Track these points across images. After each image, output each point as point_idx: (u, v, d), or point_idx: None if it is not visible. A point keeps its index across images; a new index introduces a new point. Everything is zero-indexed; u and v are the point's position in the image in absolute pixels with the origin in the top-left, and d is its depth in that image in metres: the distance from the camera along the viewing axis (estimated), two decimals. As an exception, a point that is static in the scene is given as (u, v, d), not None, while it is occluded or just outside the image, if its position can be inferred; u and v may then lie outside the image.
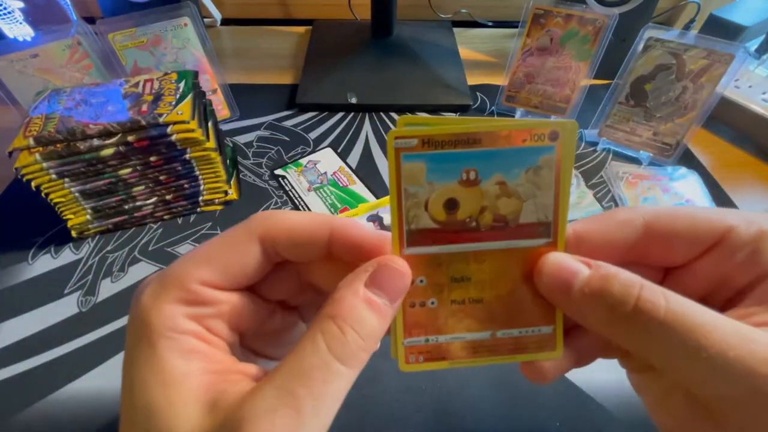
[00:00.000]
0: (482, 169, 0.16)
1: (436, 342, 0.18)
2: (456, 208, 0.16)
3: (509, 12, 0.79)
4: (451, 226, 0.17)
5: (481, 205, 0.17)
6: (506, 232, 0.17)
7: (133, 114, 0.38)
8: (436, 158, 0.16)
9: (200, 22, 0.51)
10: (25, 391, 0.33)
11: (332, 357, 0.14)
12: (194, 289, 0.16)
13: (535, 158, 0.16)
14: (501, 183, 0.16)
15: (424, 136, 0.15)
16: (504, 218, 0.17)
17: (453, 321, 0.18)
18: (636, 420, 0.32)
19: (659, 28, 0.47)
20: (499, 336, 0.18)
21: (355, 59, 0.64)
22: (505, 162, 0.16)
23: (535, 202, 0.17)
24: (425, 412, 0.32)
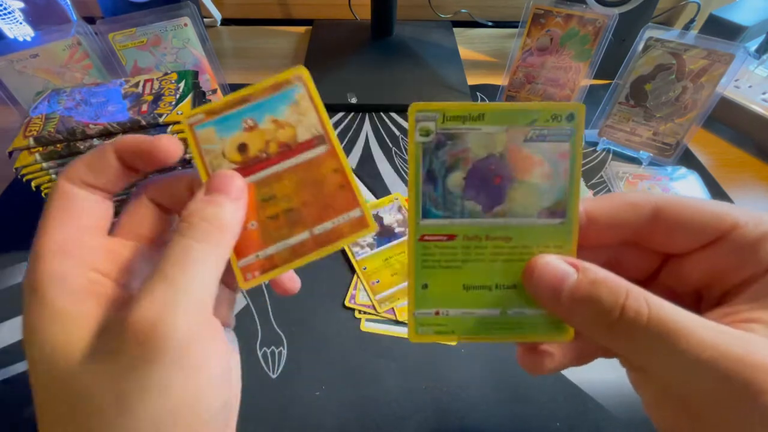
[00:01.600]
0: (257, 117, 0.21)
1: (265, 256, 0.20)
2: (246, 148, 0.21)
3: (509, 12, 0.79)
4: (247, 162, 0.21)
5: (265, 140, 0.21)
6: (291, 152, 0.21)
7: (133, 114, 0.38)
8: (220, 121, 0.21)
9: (200, 22, 0.51)
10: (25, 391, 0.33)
11: (187, 238, 0.17)
12: (61, 239, 0.18)
13: (292, 96, 0.21)
14: (274, 120, 0.21)
15: (206, 109, 0.20)
16: (286, 144, 0.21)
17: (274, 233, 0.21)
18: (636, 420, 0.32)
19: (659, 28, 0.47)
20: (316, 232, 0.21)
21: (355, 59, 0.64)
22: (271, 106, 0.21)
23: (303, 125, 0.21)
24: (425, 412, 0.32)
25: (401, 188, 0.48)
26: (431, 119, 0.18)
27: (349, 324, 0.36)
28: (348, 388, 0.33)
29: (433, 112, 0.18)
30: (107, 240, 0.19)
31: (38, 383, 0.16)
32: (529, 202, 0.18)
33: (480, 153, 0.18)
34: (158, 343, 0.15)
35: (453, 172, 0.19)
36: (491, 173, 0.19)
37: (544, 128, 0.18)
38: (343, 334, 0.36)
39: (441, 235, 0.19)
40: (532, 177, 0.18)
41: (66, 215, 0.18)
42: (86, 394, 0.15)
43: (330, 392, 0.33)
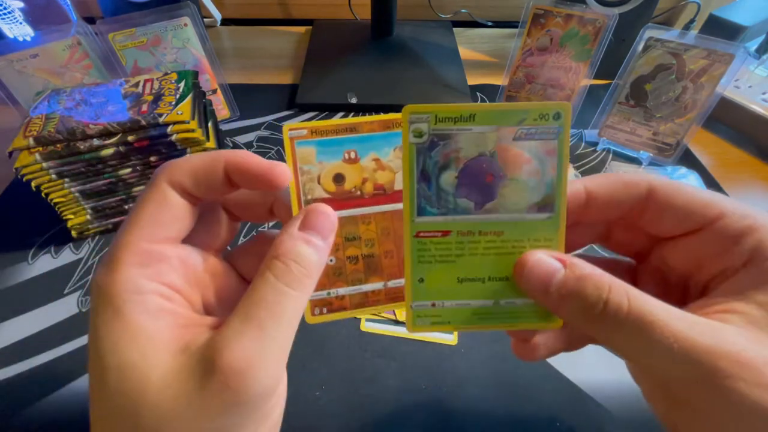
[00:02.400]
0: (360, 150, 0.20)
1: (336, 295, 0.21)
2: (343, 180, 0.20)
3: (509, 12, 0.79)
4: (339, 195, 0.20)
5: (363, 177, 0.20)
6: (385, 197, 0.21)
7: (133, 114, 0.38)
8: (322, 143, 0.20)
9: (200, 22, 0.51)
10: (25, 391, 0.33)
11: (281, 283, 0.16)
12: (145, 249, 0.17)
13: (399, 140, 0.20)
14: (376, 159, 0.20)
15: (311, 126, 0.19)
16: (382, 186, 0.21)
17: (350, 275, 0.21)
18: (636, 420, 0.32)
19: (659, 28, 0.47)
20: (390, 286, 0.21)
21: (355, 59, 0.64)
22: (377, 143, 0.20)
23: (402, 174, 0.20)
24: (425, 412, 0.32)
25: (401, 188, 0.48)
26: (424, 121, 0.18)
27: (349, 324, 0.36)
28: (348, 388, 0.33)
29: (426, 113, 0.18)
30: (181, 249, 0.19)
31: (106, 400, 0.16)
32: (519, 198, 0.19)
33: (471, 152, 0.19)
34: (246, 390, 0.15)
35: (446, 171, 0.19)
36: (483, 171, 0.19)
37: (532, 127, 0.18)
38: (343, 333, 0.36)
39: (435, 232, 0.19)
40: (521, 174, 0.19)
41: (156, 222, 0.17)
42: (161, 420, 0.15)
43: (330, 392, 0.33)
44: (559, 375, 0.34)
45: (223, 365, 0.15)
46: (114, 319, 0.16)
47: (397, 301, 0.21)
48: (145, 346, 0.15)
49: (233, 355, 0.15)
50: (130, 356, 0.15)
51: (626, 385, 0.33)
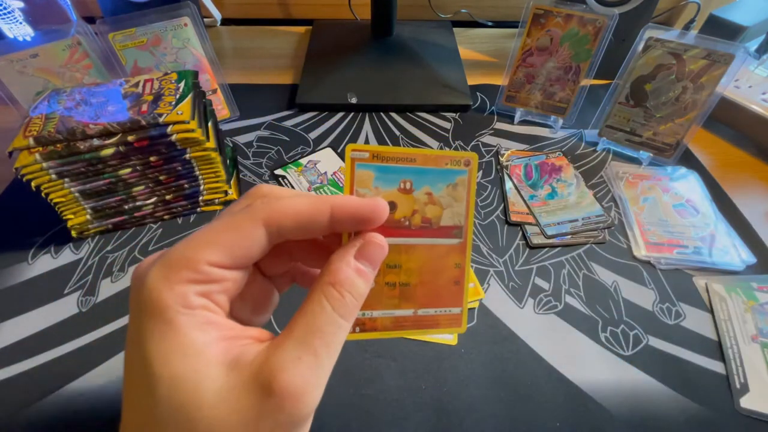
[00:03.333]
0: (416, 181, 0.21)
1: (370, 316, 0.22)
2: (395, 209, 0.21)
3: (509, 12, 0.79)
4: (389, 223, 0.21)
5: (413, 209, 0.21)
6: (430, 231, 0.22)
7: (133, 114, 0.38)
8: (382, 169, 0.21)
9: (200, 22, 0.51)
10: (25, 391, 0.33)
11: (336, 315, 0.18)
12: (204, 270, 0.17)
13: (453, 177, 0.22)
14: (428, 193, 0.21)
15: (374, 150, 0.20)
16: (429, 220, 0.22)
17: (385, 299, 0.22)
18: (636, 420, 0.32)
19: (659, 28, 0.47)
20: (419, 314, 0.22)
21: (355, 59, 0.64)
22: (432, 178, 0.21)
23: (452, 210, 0.22)
24: (425, 412, 0.32)
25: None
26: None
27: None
28: (348, 388, 0.33)
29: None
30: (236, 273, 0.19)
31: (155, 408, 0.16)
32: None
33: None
34: (299, 412, 0.16)
35: None
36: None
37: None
38: None
39: None
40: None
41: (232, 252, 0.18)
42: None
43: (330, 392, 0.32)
44: (559, 375, 0.34)
45: (282, 388, 0.16)
46: (166, 331, 0.16)
47: (423, 328, 0.22)
48: (197, 360, 0.16)
49: (291, 380, 0.16)
50: (183, 369, 0.16)
51: (626, 385, 0.33)
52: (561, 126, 0.57)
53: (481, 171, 0.51)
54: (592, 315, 0.38)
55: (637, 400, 0.33)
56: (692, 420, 0.32)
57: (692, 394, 0.33)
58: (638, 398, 0.33)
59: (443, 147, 0.54)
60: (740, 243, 0.43)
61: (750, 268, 0.41)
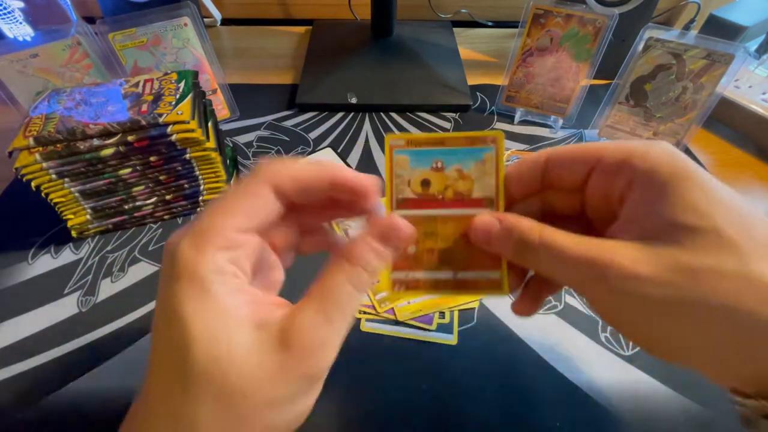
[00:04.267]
0: (446, 161, 0.25)
1: (414, 277, 0.25)
2: (429, 185, 0.25)
3: (509, 12, 0.79)
4: (425, 197, 0.25)
5: (446, 185, 0.25)
6: (463, 203, 0.25)
7: (133, 114, 0.38)
8: (415, 153, 0.24)
9: (200, 22, 0.51)
10: (25, 391, 0.33)
11: (350, 286, 0.20)
12: (231, 236, 0.20)
13: (481, 155, 0.24)
14: (459, 170, 0.25)
15: (408, 138, 0.24)
16: (461, 194, 0.25)
17: (426, 262, 0.25)
18: (636, 420, 0.32)
19: (659, 28, 0.47)
20: (459, 277, 0.25)
21: (355, 59, 0.64)
22: (461, 156, 0.25)
23: (482, 183, 0.25)
24: (425, 412, 0.32)
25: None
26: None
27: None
28: (348, 389, 0.33)
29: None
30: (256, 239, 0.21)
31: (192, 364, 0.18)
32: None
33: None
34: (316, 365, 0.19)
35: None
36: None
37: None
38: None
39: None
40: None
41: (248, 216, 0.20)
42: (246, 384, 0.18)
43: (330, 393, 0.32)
44: (559, 375, 0.34)
45: (301, 346, 0.19)
46: (201, 295, 0.18)
47: (463, 290, 0.25)
48: (230, 321, 0.18)
49: (308, 339, 0.19)
50: (218, 328, 0.18)
51: (626, 385, 0.33)
52: (561, 126, 0.57)
53: (481, 171, 0.51)
54: (592, 315, 0.38)
55: (637, 400, 0.33)
56: (692, 420, 0.31)
57: (692, 394, 0.33)
58: (638, 398, 0.33)
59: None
60: (740, 243, 0.43)
61: (750, 268, 0.41)
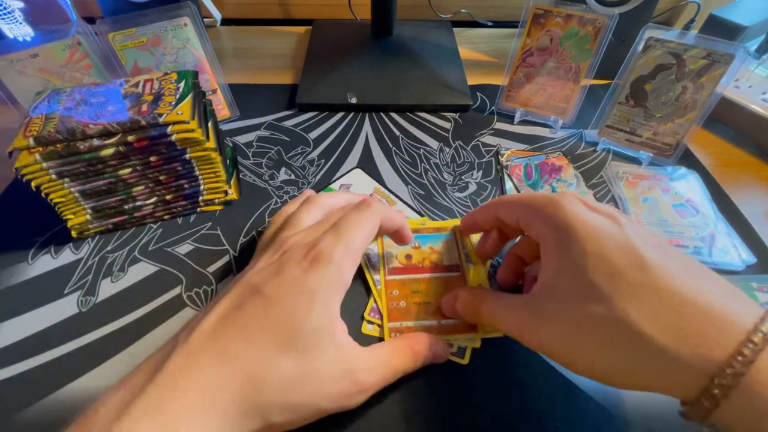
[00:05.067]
0: (422, 242, 0.39)
1: (406, 325, 0.34)
2: (411, 258, 0.37)
3: (509, 12, 0.79)
4: (409, 266, 0.37)
5: (423, 257, 0.38)
6: (438, 269, 0.37)
7: (133, 114, 0.38)
8: None
9: (200, 22, 0.51)
10: (25, 391, 0.33)
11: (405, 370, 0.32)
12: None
13: (445, 237, 0.39)
14: (431, 247, 0.38)
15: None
16: (435, 263, 0.37)
17: (415, 313, 0.34)
18: (636, 420, 0.32)
19: (659, 28, 0.47)
20: (442, 323, 0.34)
21: (355, 59, 0.64)
22: (432, 239, 0.39)
23: (449, 255, 0.38)
24: (425, 412, 0.32)
25: (401, 188, 0.48)
26: None
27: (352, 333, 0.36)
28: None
29: None
30: None
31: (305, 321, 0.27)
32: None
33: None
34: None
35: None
36: None
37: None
38: None
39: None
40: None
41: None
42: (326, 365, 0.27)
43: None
44: (559, 375, 0.34)
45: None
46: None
47: (446, 334, 0.33)
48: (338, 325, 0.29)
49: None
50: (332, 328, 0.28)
51: (626, 385, 0.33)
52: (561, 126, 0.57)
53: (481, 171, 0.51)
54: (592, 315, 0.37)
55: (638, 400, 0.33)
56: (692, 420, 0.31)
57: (692, 394, 0.33)
58: (638, 398, 0.33)
59: (443, 147, 0.54)
60: (740, 243, 0.43)
61: (750, 268, 0.41)
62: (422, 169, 0.51)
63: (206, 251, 0.42)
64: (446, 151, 0.53)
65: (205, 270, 0.41)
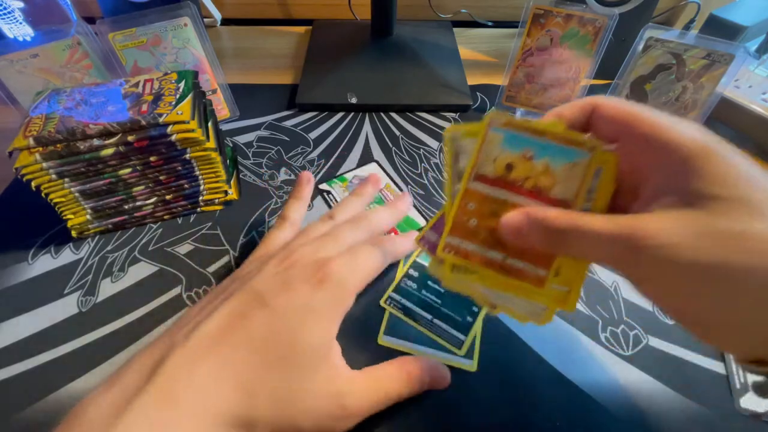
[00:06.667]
0: (537, 153, 0.23)
1: (465, 247, 0.25)
2: (512, 169, 0.24)
3: (509, 12, 0.79)
4: (503, 179, 0.24)
5: (528, 175, 0.24)
6: (538, 197, 0.24)
7: (133, 114, 0.38)
8: (510, 135, 0.24)
9: (200, 22, 0.51)
10: (25, 391, 0.33)
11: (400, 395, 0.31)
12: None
13: (573, 157, 0.23)
14: (546, 165, 0.23)
15: (509, 120, 0.24)
16: (539, 189, 0.23)
17: (481, 239, 0.24)
18: (636, 420, 0.32)
19: (659, 28, 0.47)
20: (508, 262, 0.24)
21: (355, 59, 0.64)
22: (554, 153, 0.23)
23: (565, 186, 0.23)
24: (424, 411, 0.32)
25: (401, 188, 0.48)
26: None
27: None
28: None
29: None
30: None
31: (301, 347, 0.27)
32: None
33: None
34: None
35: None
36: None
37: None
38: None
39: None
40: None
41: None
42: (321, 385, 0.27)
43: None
44: (559, 375, 0.34)
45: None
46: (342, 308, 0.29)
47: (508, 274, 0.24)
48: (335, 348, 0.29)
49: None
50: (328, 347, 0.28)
51: (626, 385, 0.33)
52: (561, 126, 0.57)
53: (481, 171, 0.51)
54: (593, 315, 0.38)
55: (637, 400, 0.33)
56: (692, 420, 0.32)
57: (692, 394, 0.33)
58: (638, 398, 0.33)
59: (443, 147, 0.54)
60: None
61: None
62: (422, 169, 0.51)
63: (206, 251, 0.42)
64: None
65: (205, 270, 0.41)
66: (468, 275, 0.25)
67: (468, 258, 0.25)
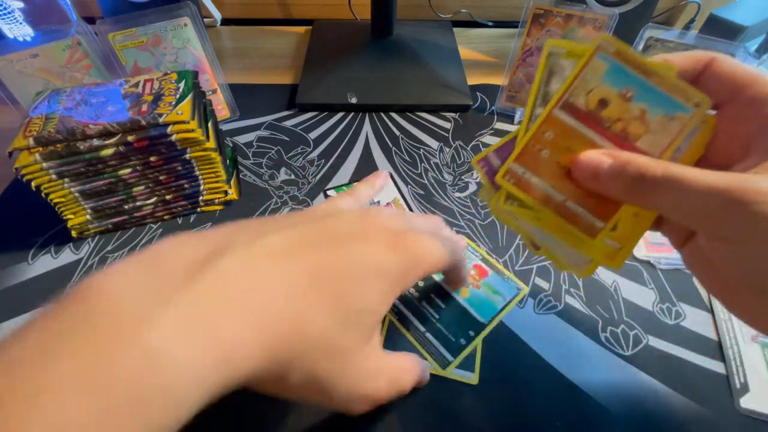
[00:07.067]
0: (638, 94, 0.21)
1: (529, 177, 0.23)
2: (605, 106, 0.22)
3: (509, 12, 0.79)
4: (592, 115, 0.22)
5: (620, 116, 0.21)
6: (622, 144, 0.21)
7: (133, 114, 0.38)
8: (616, 67, 0.21)
9: (200, 22, 0.51)
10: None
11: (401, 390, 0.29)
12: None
13: (674, 110, 0.21)
14: (643, 111, 0.21)
15: (620, 48, 0.21)
16: (627, 134, 0.21)
17: (548, 173, 0.23)
18: (636, 420, 0.32)
19: (659, 28, 0.47)
20: (567, 204, 0.22)
21: (355, 59, 0.64)
22: (656, 99, 0.21)
23: (655, 138, 0.21)
24: (423, 411, 0.32)
25: (401, 188, 0.48)
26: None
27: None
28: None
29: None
30: None
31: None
32: None
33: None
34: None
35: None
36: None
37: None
38: None
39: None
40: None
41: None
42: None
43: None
44: (559, 375, 0.34)
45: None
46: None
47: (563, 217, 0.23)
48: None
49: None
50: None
51: (626, 385, 0.33)
52: (561, 126, 0.57)
53: (481, 171, 0.51)
54: (593, 315, 0.38)
55: (637, 400, 0.33)
56: (692, 420, 0.32)
57: (692, 394, 0.33)
58: (638, 398, 0.33)
59: (443, 147, 0.54)
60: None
61: (750, 268, 0.41)
62: (422, 169, 0.51)
63: (206, 251, 0.42)
64: (446, 151, 0.53)
65: (205, 270, 0.41)
66: (521, 210, 0.23)
67: (528, 191, 0.23)
